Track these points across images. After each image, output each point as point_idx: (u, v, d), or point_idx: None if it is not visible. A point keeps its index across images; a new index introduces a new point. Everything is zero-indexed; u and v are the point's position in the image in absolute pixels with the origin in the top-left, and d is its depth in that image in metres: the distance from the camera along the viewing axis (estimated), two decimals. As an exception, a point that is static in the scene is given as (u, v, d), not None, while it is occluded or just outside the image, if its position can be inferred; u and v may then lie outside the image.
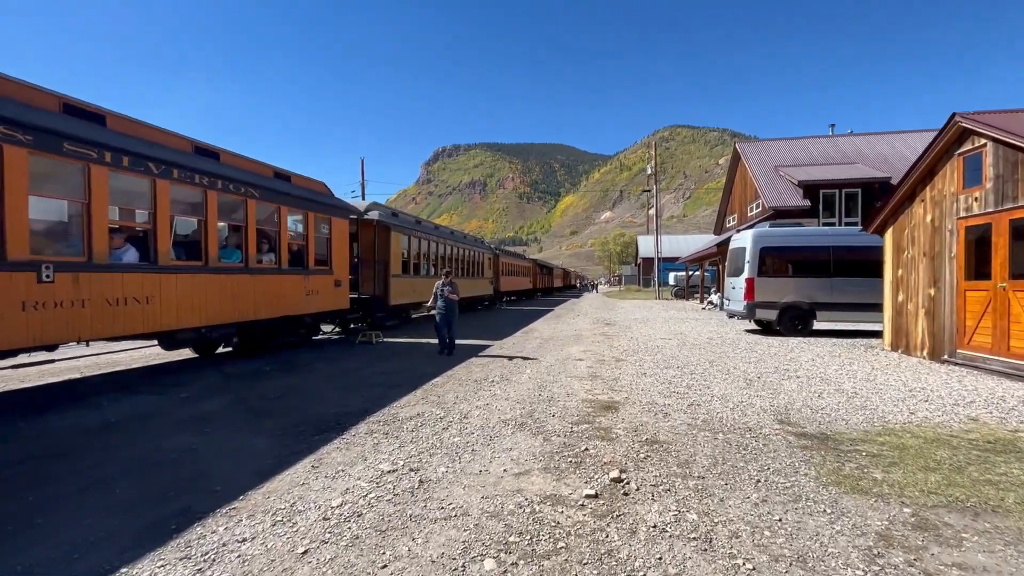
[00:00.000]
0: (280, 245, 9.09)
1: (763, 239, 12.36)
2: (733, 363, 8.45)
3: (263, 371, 8.10)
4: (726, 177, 30.37)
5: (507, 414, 5.45)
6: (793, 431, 4.70)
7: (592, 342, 11.59)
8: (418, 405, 5.91)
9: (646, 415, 5.29)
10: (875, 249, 11.49)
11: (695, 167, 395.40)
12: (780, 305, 12.08)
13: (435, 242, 17.58)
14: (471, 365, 8.60)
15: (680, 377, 7.29)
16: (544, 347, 10.82)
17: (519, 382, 7.14)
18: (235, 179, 7.98)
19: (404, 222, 14.82)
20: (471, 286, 22.34)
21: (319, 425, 5.15)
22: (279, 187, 9.13)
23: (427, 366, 8.54)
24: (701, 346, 10.65)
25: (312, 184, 10.57)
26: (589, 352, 9.98)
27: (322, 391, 6.68)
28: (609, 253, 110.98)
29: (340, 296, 11.03)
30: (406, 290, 14.58)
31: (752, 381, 6.95)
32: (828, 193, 21.89)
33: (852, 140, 26.69)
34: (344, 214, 11.29)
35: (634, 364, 8.48)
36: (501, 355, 9.67)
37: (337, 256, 10.92)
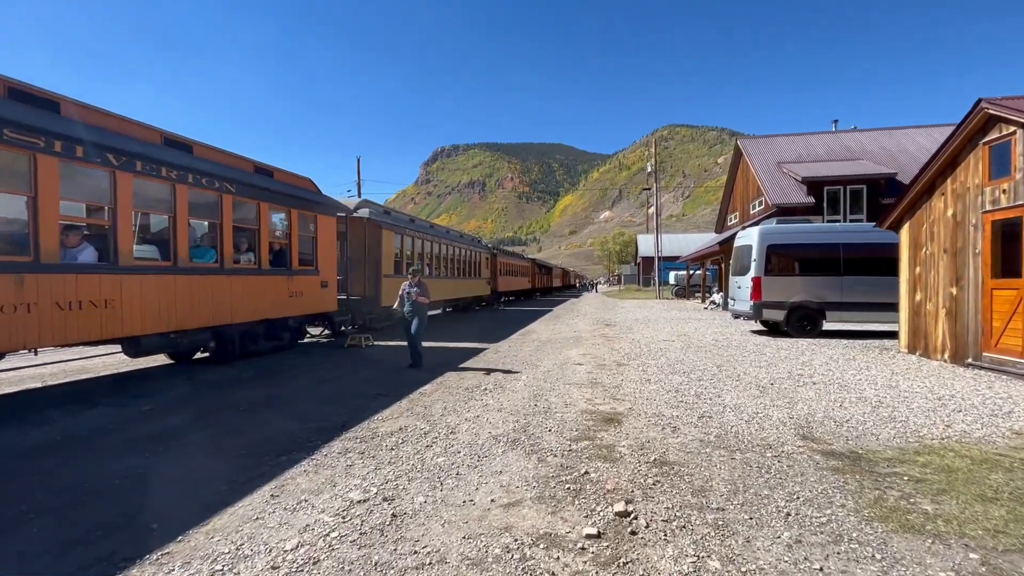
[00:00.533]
0: (260, 244, 8.56)
1: (770, 236, 11.84)
2: (743, 368, 7.92)
3: (240, 379, 7.56)
4: (727, 174, 29.84)
5: (498, 428, 4.92)
6: (819, 449, 4.17)
7: (592, 345, 11.07)
8: (402, 417, 5.38)
9: (653, 429, 4.77)
10: (888, 246, 10.98)
11: (694, 166, 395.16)
12: (788, 305, 11.56)
13: (430, 241, 17.05)
14: (463, 371, 8.07)
15: (687, 384, 6.76)
16: (542, 350, 10.29)
17: (513, 390, 6.61)
18: (209, 173, 7.45)
19: (397, 220, 14.29)
20: (468, 287, 21.81)
21: (289, 443, 4.62)
22: (259, 182, 8.60)
23: (416, 372, 8.01)
24: (707, 349, 10.13)
25: (297, 180, 10.03)
26: (589, 356, 9.46)
27: (299, 402, 6.15)
28: (608, 252, 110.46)
29: (327, 298, 10.50)
30: (396, 291, 14.03)
31: (766, 388, 6.42)
32: (832, 190, 21.37)
33: (856, 136, 26.17)
34: (331, 211, 10.75)
35: (637, 369, 7.95)
36: (496, 359, 9.14)
37: (324, 256, 10.39)
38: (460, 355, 9.72)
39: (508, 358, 9.29)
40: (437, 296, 17.66)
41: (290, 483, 3.71)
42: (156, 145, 6.83)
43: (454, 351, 10.34)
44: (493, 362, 8.88)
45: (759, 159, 24.79)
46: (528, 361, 8.93)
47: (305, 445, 4.55)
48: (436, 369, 8.21)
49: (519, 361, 8.93)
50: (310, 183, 10.54)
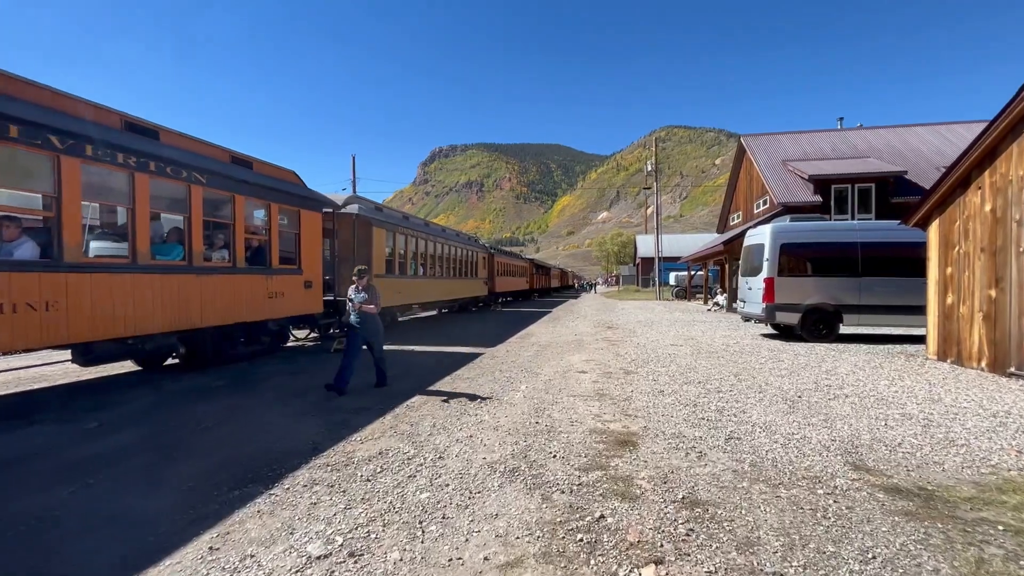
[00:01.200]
0: (235, 240, 7.84)
1: (783, 234, 11.18)
2: (763, 377, 7.24)
3: (210, 388, 6.84)
4: (730, 173, 29.23)
5: (495, 452, 4.22)
6: (878, 483, 3.49)
7: (595, 349, 10.38)
8: (384, 438, 4.68)
9: (675, 455, 4.08)
10: (911, 245, 10.34)
11: (692, 167, 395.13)
12: (803, 307, 10.90)
13: (424, 240, 16.34)
14: (456, 380, 7.37)
15: (705, 396, 6.07)
16: (542, 356, 9.60)
17: (512, 403, 5.92)
18: (176, 162, 6.73)
19: (388, 217, 13.58)
20: (464, 287, 21.11)
21: (249, 470, 3.92)
22: (235, 174, 7.88)
23: (404, 381, 7.30)
24: (718, 354, 9.45)
25: (279, 172, 9.32)
26: (593, 362, 8.77)
27: (270, 416, 5.44)
28: (607, 253, 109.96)
29: (311, 298, 9.78)
30: (390, 292, 13.32)
31: (794, 402, 5.74)
32: (840, 188, 20.76)
33: (862, 134, 25.57)
34: (317, 207, 10.03)
35: (647, 378, 7.27)
36: (492, 366, 8.44)
37: (307, 253, 9.67)
38: (454, 361, 9.02)
39: (506, 364, 8.59)
40: (432, 297, 16.96)
41: (237, 529, 3.01)
42: (113, 129, 6.11)
43: (446, 356, 9.63)
44: (489, 369, 8.18)
45: (764, 157, 24.17)
46: (527, 368, 8.23)
47: (266, 474, 3.85)
48: (426, 378, 7.52)
49: (518, 368, 8.24)
50: (293, 176, 9.83)
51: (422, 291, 16.04)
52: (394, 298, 13.69)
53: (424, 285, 16.28)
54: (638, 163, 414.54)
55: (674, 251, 47.98)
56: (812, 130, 26.48)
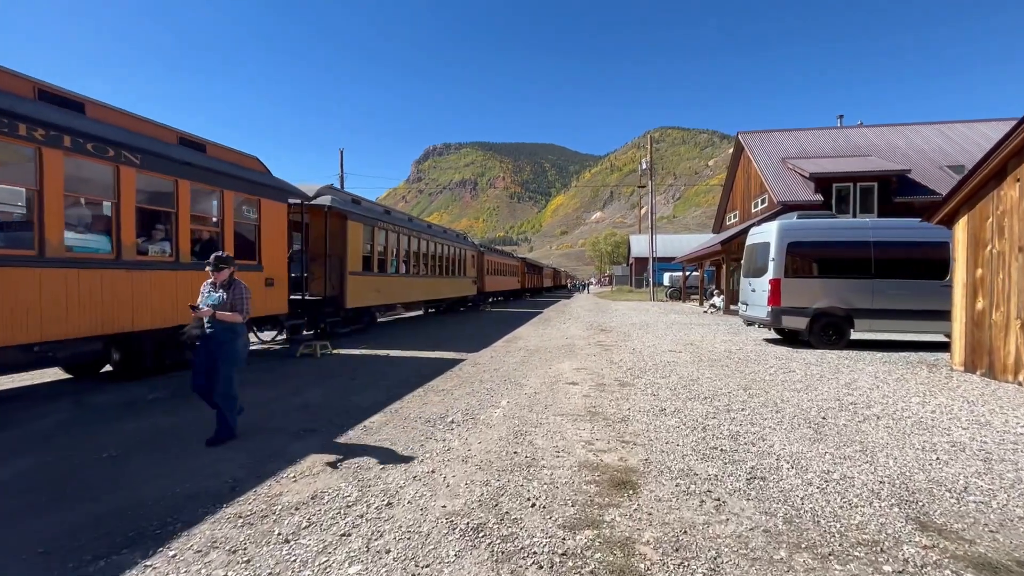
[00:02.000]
0: (178, 231, 6.87)
1: (791, 232, 10.36)
2: (776, 391, 6.40)
3: (139, 403, 5.88)
4: (727, 171, 28.51)
5: (458, 497, 3.33)
6: (960, 552, 2.63)
7: (587, 356, 9.51)
8: (325, 473, 3.77)
9: (686, 504, 3.20)
10: (929, 245, 9.59)
11: (685, 168, 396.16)
12: (811, 311, 10.09)
13: (408, 236, 15.39)
14: (429, 392, 6.46)
15: (714, 416, 5.21)
16: (529, 363, 8.71)
17: (489, 423, 5.03)
18: (100, 138, 5.76)
19: (366, 211, 12.62)
20: (451, 286, 20.18)
21: (132, 526, 2.99)
22: (179, 155, 6.92)
23: (369, 393, 6.38)
24: (721, 363, 8.61)
25: (238, 158, 8.36)
26: (584, 371, 7.90)
27: (193, 442, 4.51)
28: (600, 253, 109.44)
29: (273, 298, 8.82)
30: (368, 290, 12.39)
31: (819, 426, 4.89)
32: (841, 187, 20.06)
33: (863, 132, 24.93)
34: (281, 196, 9.07)
35: (645, 392, 6.40)
36: (472, 375, 7.54)
37: (270, 248, 8.71)
38: (430, 369, 8.11)
39: (488, 373, 7.69)
40: (415, 296, 16.02)
41: (71, 634, 2.09)
42: (19, 98, 5.14)
43: (424, 363, 8.72)
44: (469, 379, 7.28)
45: (762, 154, 23.44)
46: (511, 378, 7.34)
47: (154, 531, 2.93)
48: (395, 390, 6.60)
49: (500, 378, 7.34)
50: (256, 162, 8.87)
51: (405, 290, 15.10)
52: (373, 297, 12.76)
53: (407, 284, 15.34)
54: (632, 164, 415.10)
55: (668, 251, 47.31)
56: (812, 127, 25.81)
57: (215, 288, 4.57)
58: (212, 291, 4.56)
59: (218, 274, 4.58)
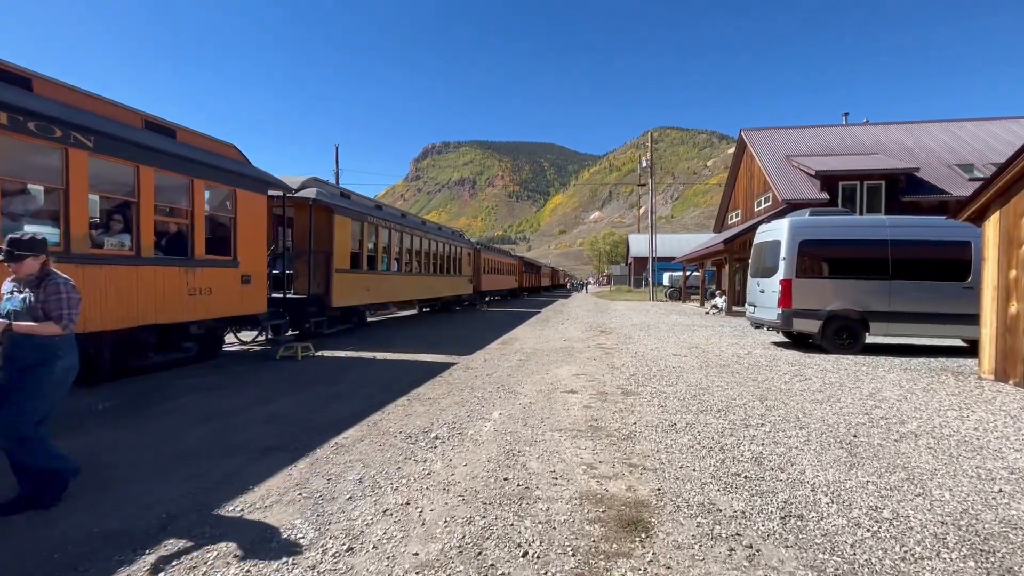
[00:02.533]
0: (139, 222, 6.26)
1: (803, 230, 9.79)
2: (795, 402, 5.82)
3: (84, 414, 5.28)
4: (729, 169, 27.96)
5: (435, 541, 2.74)
6: (1072, 632, 2.05)
7: (587, 359, 8.92)
8: (279, 505, 3.18)
9: (712, 553, 2.61)
10: (951, 244, 9.05)
11: (684, 168, 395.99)
12: (824, 314, 9.52)
13: (400, 232, 14.78)
14: (414, 402, 5.87)
15: (731, 433, 4.63)
16: (524, 367, 8.12)
17: (477, 441, 4.44)
18: (43, 116, 5.15)
19: (356, 205, 12.01)
20: (446, 285, 19.58)
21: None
22: (143, 140, 6.30)
23: (348, 402, 5.79)
24: (732, 369, 8.04)
25: (212, 145, 7.74)
26: (584, 377, 7.31)
27: (135, 465, 3.90)
28: (599, 252, 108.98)
29: (251, 296, 8.21)
30: (356, 289, 11.78)
31: (851, 446, 4.31)
32: (848, 185, 19.52)
33: (869, 130, 24.39)
34: (259, 187, 8.45)
35: (652, 402, 5.82)
36: (463, 382, 6.95)
37: (247, 243, 8.10)
38: (418, 373, 7.51)
39: (480, 380, 7.10)
40: (408, 295, 15.41)
41: None
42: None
43: (412, 367, 8.12)
44: (459, 386, 6.69)
45: (766, 152, 22.89)
46: (505, 385, 6.75)
47: (46, 591, 2.33)
48: (377, 398, 6.01)
49: (493, 385, 6.75)
50: (233, 151, 8.25)
51: (397, 289, 14.50)
52: (362, 296, 12.15)
53: (400, 282, 14.73)
54: (631, 163, 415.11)
55: (668, 251, 46.79)
56: (817, 125, 25.26)
57: (19, 287, 3.03)
58: (15, 291, 3.03)
59: (17, 266, 2.99)
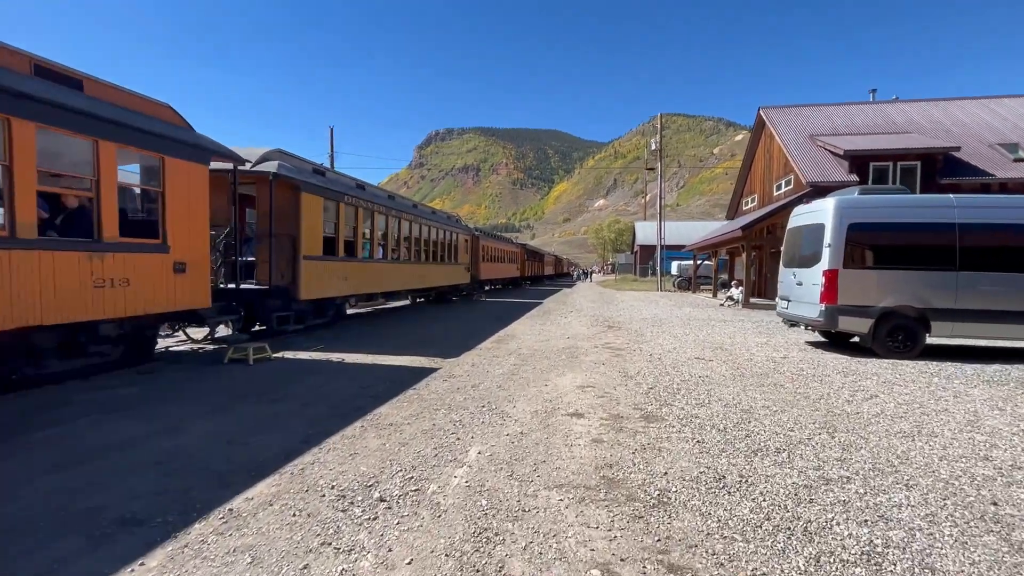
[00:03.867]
0: (13, 193, 4.80)
1: (853, 211, 8.26)
2: (875, 436, 4.35)
3: (-85, 450, 3.89)
4: (744, 152, 26.23)
5: None
6: None
7: (594, 364, 7.48)
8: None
9: None
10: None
11: (690, 156, 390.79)
12: (875, 311, 8.02)
13: (387, 216, 13.29)
14: (369, 431, 4.45)
15: (809, 496, 3.18)
16: (519, 375, 6.70)
17: (438, 507, 3.02)
18: None
19: (331, 183, 10.51)
20: (441, 274, 18.14)
21: None
22: (20, 87, 4.82)
23: (281, 430, 4.38)
24: (771, 379, 6.58)
25: (134, 101, 6.26)
26: (592, 390, 5.88)
27: None
28: (603, 240, 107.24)
29: (188, 288, 6.77)
30: (331, 278, 10.35)
31: (1006, 531, 2.85)
32: (880, 167, 17.85)
33: (900, 107, 22.57)
34: (198, 156, 6.96)
35: (682, 433, 4.37)
36: (441, 398, 5.53)
37: (181, 222, 6.65)
38: (387, 383, 6.10)
39: (461, 394, 5.68)
40: (395, 285, 13.98)
41: None
42: None
43: (384, 373, 6.71)
44: (434, 403, 5.28)
45: (788, 131, 21.16)
46: (492, 403, 5.33)
47: None
48: (322, 423, 4.60)
49: (477, 402, 5.34)
50: (167, 111, 6.77)
51: (382, 278, 13.06)
52: (338, 287, 10.72)
53: (386, 270, 13.29)
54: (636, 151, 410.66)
55: (676, 239, 45.11)
56: (843, 103, 23.43)
57: None
58: None
59: None
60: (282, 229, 8.92)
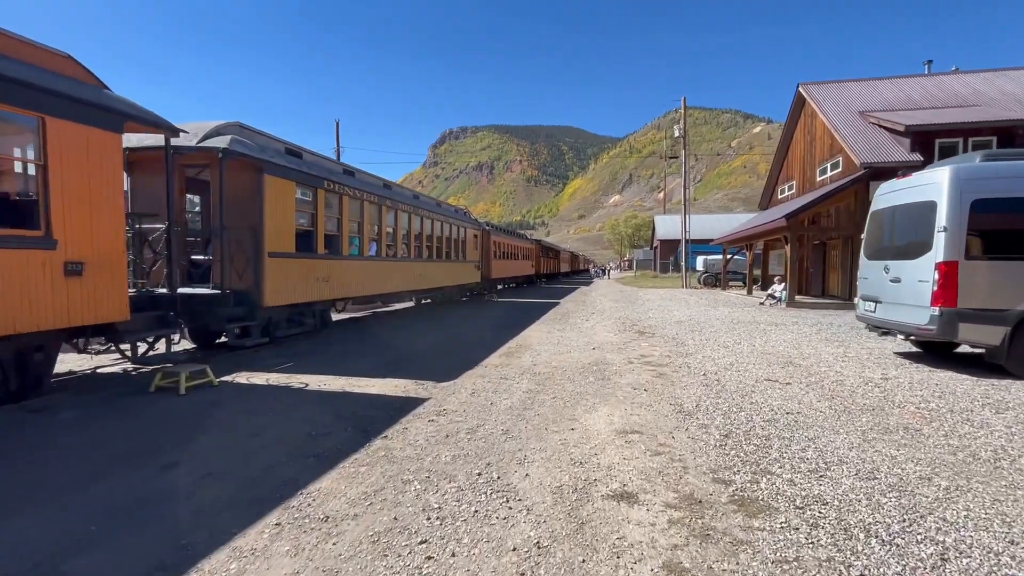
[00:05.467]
0: None
1: (976, 183, 6.22)
2: None
3: None
4: (781, 135, 23.92)
5: None
6: None
7: (632, 390, 5.60)
8: None
9: None
10: None
11: (707, 150, 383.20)
12: (1012, 316, 5.98)
13: (378, 206, 11.54)
14: (286, 530, 2.65)
15: None
16: (534, 408, 4.87)
17: None
18: None
19: (304, 165, 8.77)
20: (447, 273, 16.37)
21: None
22: None
23: (146, 530, 2.60)
24: (892, 419, 4.63)
25: (11, 45, 4.56)
26: (639, 440, 4.00)
27: None
28: (620, 236, 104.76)
29: (86, 296, 5.07)
30: (305, 280, 8.63)
31: None
32: (947, 144, 15.54)
33: (961, 79, 20.08)
34: (106, 121, 5.24)
35: (815, 541, 2.48)
36: (418, 457, 3.71)
37: (73, 208, 4.94)
38: (347, 430, 4.31)
39: (449, 450, 3.86)
40: (391, 287, 12.24)
41: None
42: None
43: (351, 407, 4.92)
44: (404, 473, 3.47)
45: (834, 108, 18.88)
46: (492, 470, 3.50)
47: None
48: (213, 519, 2.81)
49: (470, 467, 3.51)
50: (69, 63, 5.08)
51: (374, 279, 11.32)
52: (318, 289, 9.00)
53: (379, 270, 11.56)
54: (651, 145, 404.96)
55: (700, 233, 42.70)
56: (894, 76, 21.01)
57: None
58: None
59: None
60: (239, 220, 7.20)
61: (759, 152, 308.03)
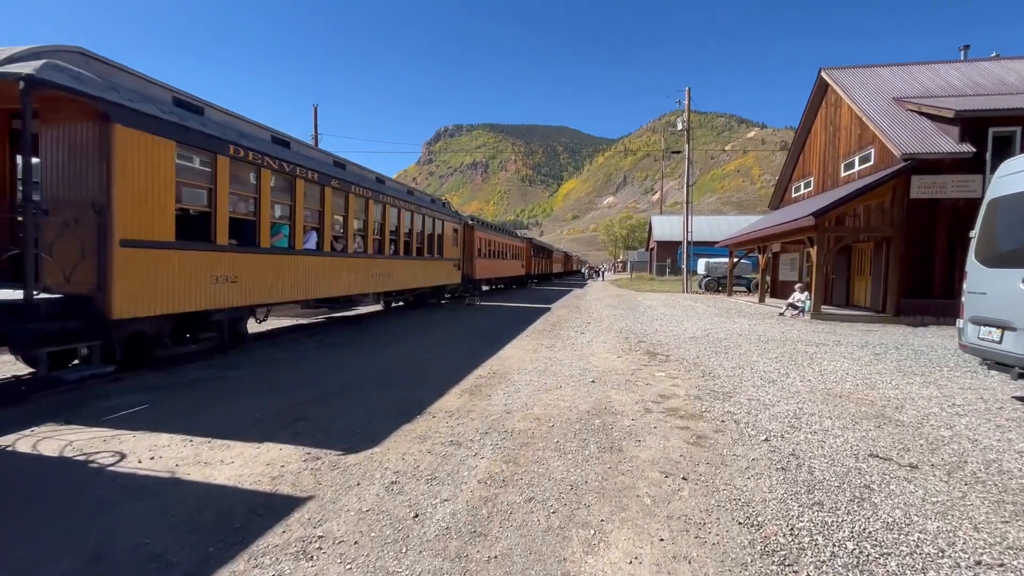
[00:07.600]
0: None
1: None
2: None
3: None
4: (798, 127, 21.72)
5: None
6: None
7: (664, 490, 3.27)
8: None
9: None
10: None
11: (700, 154, 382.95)
12: None
13: (320, 186, 9.12)
14: None
15: None
16: (485, 539, 2.49)
17: None
18: None
19: (188, 120, 6.33)
20: (419, 272, 13.98)
21: None
22: None
23: None
24: None
25: None
26: None
27: None
28: (614, 237, 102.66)
29: None
30: (193, 279, 6.21)
31: None
32: (1002, 133, 13.39)
33: (1007, 64, 17.98)
34: None
35: None
36: None
37: None
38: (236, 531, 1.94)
39: None
40: (337, 289, 9.84)
41: None
42: None
43: (136, 540, 2.53)
44: None
45: (863, 94, 16.70)
46: None
47: None
48: None
49: None
50: None
51: (312, 279, 8.91)
52: (219, 294, 6.57)
53: (319, 267, 9.14)
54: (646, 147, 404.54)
55: (700, 235, 40.63)
56: (929, 61, 18.90)
57: None
58: None
59: None
60: (69, 191, 4.79)
61: (753, 156, 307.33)
